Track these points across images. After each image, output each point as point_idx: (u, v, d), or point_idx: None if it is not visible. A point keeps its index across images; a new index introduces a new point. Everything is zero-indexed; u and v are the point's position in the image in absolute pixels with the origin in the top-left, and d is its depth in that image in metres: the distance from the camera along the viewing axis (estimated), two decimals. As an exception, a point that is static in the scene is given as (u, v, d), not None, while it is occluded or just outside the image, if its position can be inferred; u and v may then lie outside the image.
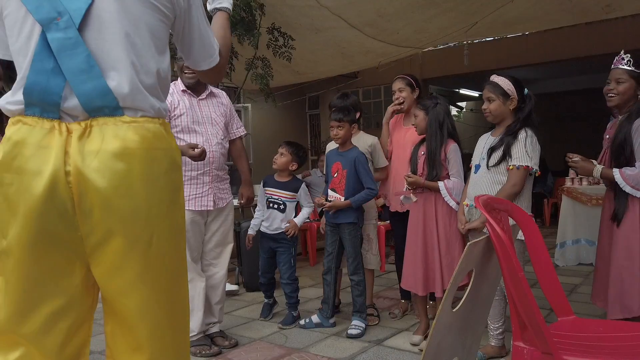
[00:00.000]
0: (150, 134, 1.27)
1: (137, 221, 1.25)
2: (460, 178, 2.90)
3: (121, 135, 1.23)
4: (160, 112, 1.32)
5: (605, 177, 2.43)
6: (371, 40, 5.33)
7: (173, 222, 1.33)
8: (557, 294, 1.89)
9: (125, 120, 1.24)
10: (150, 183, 1.26)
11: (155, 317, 1.31)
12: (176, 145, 1.37)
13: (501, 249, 1.51)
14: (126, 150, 1.22)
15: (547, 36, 7.09)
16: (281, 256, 3.47)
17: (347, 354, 2.89)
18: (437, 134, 2.93)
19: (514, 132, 2.56)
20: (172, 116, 2.90)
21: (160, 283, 1.31)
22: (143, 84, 1.28)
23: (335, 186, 3.27)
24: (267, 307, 3.61)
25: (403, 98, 3.39)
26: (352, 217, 3.24)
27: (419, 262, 2.92)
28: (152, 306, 1.30)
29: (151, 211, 1.26)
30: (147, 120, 1.27)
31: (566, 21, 5.52)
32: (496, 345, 2.73)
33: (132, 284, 1.28)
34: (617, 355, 1.63)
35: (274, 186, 3.51)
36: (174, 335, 1.35)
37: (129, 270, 1.27)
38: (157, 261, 1.29)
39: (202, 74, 1.59)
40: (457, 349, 1.61)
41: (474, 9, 4.72)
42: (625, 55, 2.49)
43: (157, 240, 1.28)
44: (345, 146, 3.32)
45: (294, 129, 9.04)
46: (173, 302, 1.35)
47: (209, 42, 1.51)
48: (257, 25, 4.89)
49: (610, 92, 2.51)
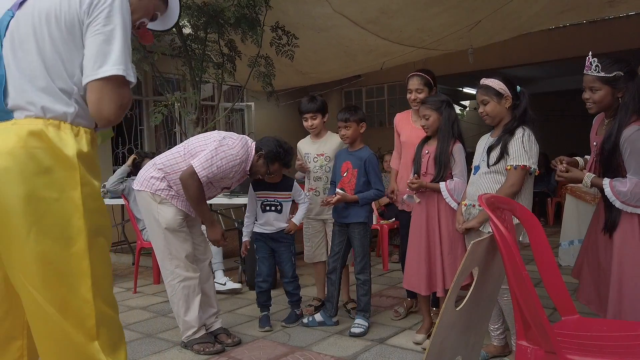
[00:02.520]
0: (27, 133, 1.36)
1: (12, 217, 1.33)
2: (462, 178, 2.89)
3: (4, 137, 1.35)
4: (49, 111, 1.40)
5: (595, 186, 2.35)
6: (374, 37, 5.32)
7: (57, 219, 1.37)
8: (561, 293, 1.89)
9: (12, 122, 1.38)
10: (25, 180, 1.34)
11: (43, 313, 1.38)
12: (76, 145, 1.41)
13: (505, 248, 1.51)
14: (4, 149, 1.34)
15: (551, 35, 7.07)
16: (283, 255, 3.41)
17: (350, 353, 2.89)
18: (449, 135, 2.91)
19: (511, 130, 2.54)
20: (225, 176, 2.99)
21: (43, 280, 1.36)
22: (35, 87, 1.40)
23: (344, 185, 3.25)
24: (266, 319, 3.37)
25: (421, 99, 3.17)
26: (362, 216, 3.22)
27: (422, 261, 2.92)
28: (38, 301, 1.37)
29: (28, 207, 1.34)
30: (28, 122, 1.38)
31: (570, 18, 5.51)
32: (499, 344, 2.73)
33: (18, 280, 1.38)
34: (621, 355, 1.62)
35: (267, 189, 3.37)
36: (66, 330, 1.39)
37: (13, 264, 1.38)
38: (37, 258, 1.35)
39: None
40: (460, 348, 1.61)
41: (477, 7, 4.71)
42: (593, 60, 2.34)
43: (36, 237, 1.34)
44: (355, 145, 3.31)
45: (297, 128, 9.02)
46: (65, 298, 1.38)
47: None
48: (260, 22, 4.90)
49: (587, 102, 2.41)
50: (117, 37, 1.42)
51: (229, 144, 2.94)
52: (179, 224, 2.95)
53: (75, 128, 1.43)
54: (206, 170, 2.85)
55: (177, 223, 2.95)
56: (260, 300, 3.40)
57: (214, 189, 3.09)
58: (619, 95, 2.33)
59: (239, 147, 2.96)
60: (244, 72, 5.39)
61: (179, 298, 2.96)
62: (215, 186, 3.08)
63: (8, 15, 1.43)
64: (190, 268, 2.98)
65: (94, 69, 1.40)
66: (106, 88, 1.41)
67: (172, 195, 2.95)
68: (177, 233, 2.94)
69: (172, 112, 5.04)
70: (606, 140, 2.32)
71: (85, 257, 1.40)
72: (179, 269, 2.95)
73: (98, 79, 1.40)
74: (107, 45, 1.41)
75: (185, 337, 3.00)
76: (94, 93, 1.41)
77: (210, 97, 7.82)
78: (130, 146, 7.18)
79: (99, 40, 1.41)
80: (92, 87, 1.41)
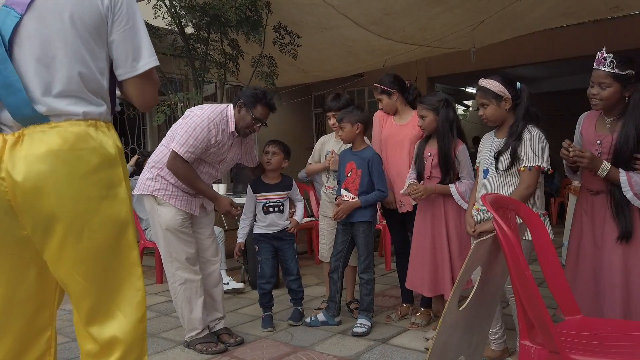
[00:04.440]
0: (74, 136, 1.38)
1: (64, 218, 1.37)
2: (471, 179, 2.84)
3: (46, 140, 1.36)
4: (88, 114, 1.42)
5: (609, 178, 2.28)
6: (377, 38, 5.31)
7: (107, 216, 1.42)
8: (564, 293, 1.88)
9: (51, 125, 1.37)
10: (75, 181, 1.37)
11: (94, 305, 1.45)
12: (114, 142, 1.46)
13: (508, 248, 1.51)
14: (49, 152, 1.35)
15: (555, 34, 7.04)
16: (287, 252, 3.43)
17: (353, 352, 2.88)
18: (449, 135, 2.87)
19: (518, 134, 2.47)
20: (210, 146, 2.90)
21: (96, 274, 1.43)
22: (64, 92, 1.39)
23: (348, 185, 3.24)
24: (269, 319, 3.38)
25: (384, 105, 3.36)
26: (368, 215, 3.22)
27: (426, 263, 2.90)
28: (89, 295, 1.44)
29: (78, 208, 1.38)
30: (70, 124, 1.39)
31: (573, 20, 5.49)
32: (496, 349, 2.65)
33: (69, 275, 1.43)
34: (625, 355, 1.62)
35: (269, 190, 3.37)
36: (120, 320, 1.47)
37: (65, 262, 1.42)
38: (90, 254, 1.41)
39: None
40: (463, 348, 1.61)
41: (481, 7, 4.70)
42: (608, 55, 2.27)
43: (89, 235, 1.40)
44: (358, 146, 3.29)
45: (300, 127, 9.04)
46: (115, 292, 1.46)
47: None
48: (263, 23, 4.90)
49: (594, 98, 2.34)
50: (141, 28, 1.47)
51: (198, 112, 2.90)
52: (179, 225, 2.92)
53: (108, 124, 1.48)
54: (185, 146, 2.81)
55: (177, 223, 2.92)
56: (262, 301, 3.41)
57: (211, 166, 3.01)
58: (627, 94, 2.30)
59: (209, 111, 2.90)
60: (247, 72, 5.39)
61: (182, 300, 2.96)
62: (211, 162, 2.99)
63: (12, 16, 1.36)
64: (191, 270, 2.96)
65: (132, 66, 1.46)
66: (146, 80, 1.50)
67: (170, 195, 2.92)
68: (178, 234, 2.92)
69: (174, 112, 5.04)
70: (625, 140, 2.27)
71: (135, 247, 1.48)
72: (180, 271, 2.94)
73: (138, 75, 1.46)
74: (136, 38, 1.46)
75: (188, 337, 3.00)
76: (136, 87, 1.49)
77: (213, 95, 7.82)
78: (133, 146, 7.19)
79: (128, 36, 1.46)
80: (133, 82, 1.48)
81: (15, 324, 1.50)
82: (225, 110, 2.96)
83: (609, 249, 2.32)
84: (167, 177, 2.93)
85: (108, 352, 1.46)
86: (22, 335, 1.52)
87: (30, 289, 1.50)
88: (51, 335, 1.60)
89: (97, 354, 1.48)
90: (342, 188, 3.26)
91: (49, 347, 1.59)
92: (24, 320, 1.51)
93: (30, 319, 1.53)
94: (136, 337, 1.49)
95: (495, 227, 1.54)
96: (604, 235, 2.35)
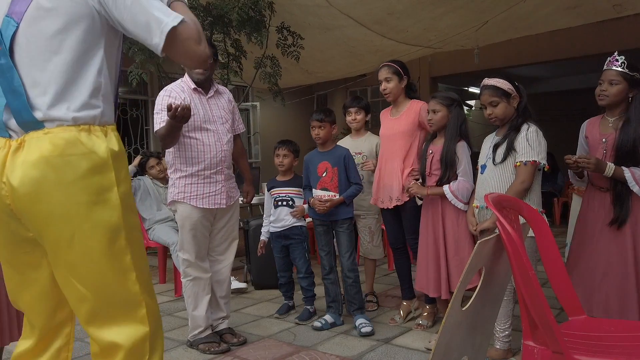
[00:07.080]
0: (63, 142, 1.39)
1: (55, 224, 1.39)
2: (466, 177, 2.83)
3: (39, 146, 1.38)
4: (79, 119, 1.42)
5: (615, 177, 2.43)
6: (380, 38, 5.32)
7: (97, 222, 1.42)
8: (568, 293, 1.88)
9: (45, 132, 1.39)
10: (64, 187, 1.38)
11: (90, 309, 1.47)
12: (107, 147, 1.44)
13: (511, 248, 1.51)
14: (41, 158, 1.37)
15: (558, 34, 7.02)
16: (295, 251, 3.56)
17: (356, 352, 2.89)
18: (456, 135, 2.88)
19: (517, 126, 2.55)
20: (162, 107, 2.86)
21: (90, 279, 1.44)
22: (56, 97, 1.40)
23: (326, 185, 3.28)
24: (285, 307, 3.64)
25: (390, 89, 3.23)
26: (350, 212, 3.31)
27: (430, 263, 2.91)
28: (86, 299, 1.46)
29: (68, 213, 1.39)
30: (62, 130, 1.40)
31: (576, 22, 5.48)
32: (501, 348, 2.63)
33: (65, 278, 1.46)
34: (629, 355, 1.61)
35: (280, 185, 3.62)
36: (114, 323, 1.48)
37: (60, 267, 1.46)
38: (83, 259, 1.42)
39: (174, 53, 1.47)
40: (466, 348, 1.61)
41: (484, 7, 4.70)
42: (620, 57, 2.47)
43: (80, 240, 1.41)
44: (327, 146, 3.35)
45: (303, 127, 9.03)
46: (110, 297, 1.47)
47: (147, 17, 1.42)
48: (266, 24, 4.90)
49: (602, 93, 2.50)
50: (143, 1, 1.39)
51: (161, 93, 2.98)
52: (192, 222, 2.92)
53: (104, 128, 1.46)
54: (158, 124, 2.82)
55: (192, 221, 2.92)
56: (281, 291, 3.71)
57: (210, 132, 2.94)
58: (630, 95, 2.47)
59: (168, 86, 3.00)
60: (250, 72, 5.40)
61: (189, 295, 3.00)
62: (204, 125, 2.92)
63: (11, 24, 1.39)
64: (199, 268, 2.99)
65: (157, 35, 1.37)
66: (175, 44, 1.40)
67: (190, 196, 2.92)
68: (191, 231, 2.93)
69: (177, 112, 5.05)
70: (626, 136, 2.43)
71: (127, 252, 1.47)
72: (189, 268, 2.98)
73: (165, 43, 1.38)
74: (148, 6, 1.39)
75: (191, 336, 3.01)
76: (173, 56, 1.44)
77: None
78: (136, 146, 7.20)
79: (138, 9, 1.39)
80: (168, 54, 1.43)
81: (39, 319, 1.59)
82: (182, 79, 3.05)
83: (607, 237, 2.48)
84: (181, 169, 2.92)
85: (109, 357, 1.49)
86: (47, 329, 1.60)
87: (46, 285, 1.56)
88: (70, 330, 1.66)
89: (99, 354, 1.52)
90: (319, 189, 3.29)
91: (67, 342, 1.65)
92: (45, 315, 1.59)
93: (50, 315, 1.59)
94: (137, 340, 1.49)
95: (498, 227, 1.54)
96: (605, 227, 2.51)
